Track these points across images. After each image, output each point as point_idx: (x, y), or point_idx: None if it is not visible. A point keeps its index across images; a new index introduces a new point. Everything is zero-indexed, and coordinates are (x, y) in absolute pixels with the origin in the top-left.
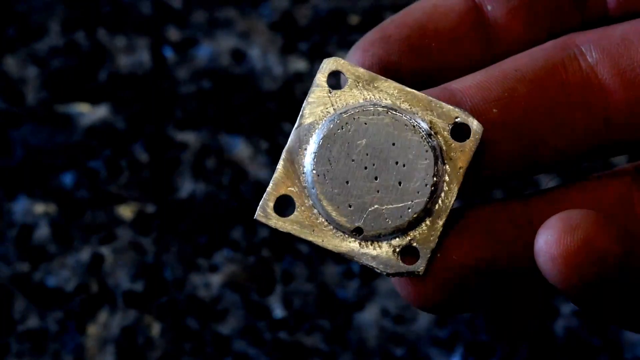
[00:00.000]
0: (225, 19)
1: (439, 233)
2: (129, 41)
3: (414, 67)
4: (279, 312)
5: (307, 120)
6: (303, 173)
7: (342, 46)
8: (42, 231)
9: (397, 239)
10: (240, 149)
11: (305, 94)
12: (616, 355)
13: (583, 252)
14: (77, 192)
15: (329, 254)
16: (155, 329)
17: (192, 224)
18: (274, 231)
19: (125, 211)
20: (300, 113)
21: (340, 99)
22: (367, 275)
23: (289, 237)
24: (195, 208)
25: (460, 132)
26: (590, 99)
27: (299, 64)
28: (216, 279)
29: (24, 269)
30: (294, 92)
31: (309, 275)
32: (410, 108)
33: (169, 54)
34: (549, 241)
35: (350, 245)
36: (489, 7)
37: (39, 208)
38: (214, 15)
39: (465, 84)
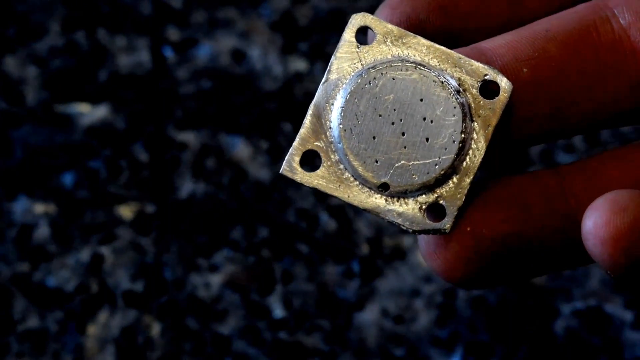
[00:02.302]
0: (225, 19)
1: (466, 191)
2: (129, 41)
3: (441, 26)
4: (279, 312)
5: (334, 76)
6: (330, 128)
7: None
8: (42, 231)
9: (424, 195)
10: (240, 149)
11: (305, 94)
12: (616, 355)
13: (634, 234)
14: (77, 192)
15: (355, 209)
16: (155, 329)
17: (192, 224)
18: (274, 230)
19: (125, 211)
20: (328, 68)
21: (368, 54)
22: (367, 275)
23: (315, 192)
24: (195, 208)
25: (489, 90)
26: (621, 62)
27: (299, 64)
28: (216, 279)
29: (24, 269)
30: (294, 92)
31: (309, 275)
32: (439, 65)
33: (169, 54)
34: (597, 223)
35: (377, 201)
36: None
37: (39, 208)
38: (214, 15)
39: (495, 43)
